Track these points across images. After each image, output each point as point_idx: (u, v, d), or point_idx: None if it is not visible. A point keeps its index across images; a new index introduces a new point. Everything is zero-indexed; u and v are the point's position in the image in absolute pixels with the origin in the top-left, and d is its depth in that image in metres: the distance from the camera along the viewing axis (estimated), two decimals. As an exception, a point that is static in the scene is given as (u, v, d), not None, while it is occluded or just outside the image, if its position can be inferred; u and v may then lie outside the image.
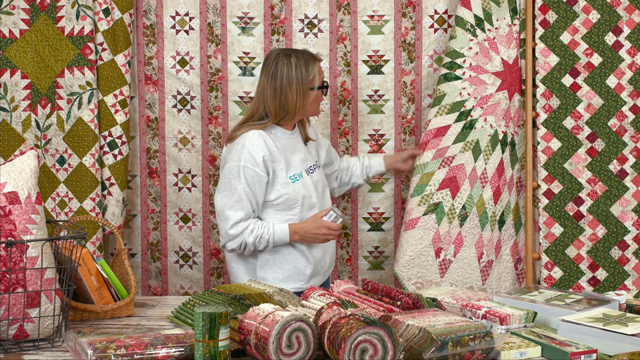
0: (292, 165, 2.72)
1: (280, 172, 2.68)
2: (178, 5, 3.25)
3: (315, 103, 2.75)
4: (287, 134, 2.75)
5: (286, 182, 2.68)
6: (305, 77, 2.67)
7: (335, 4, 3.24)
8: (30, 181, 2.04)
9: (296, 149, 2.76)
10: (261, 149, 2.63)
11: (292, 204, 2.69)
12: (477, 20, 3.10)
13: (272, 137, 2.70)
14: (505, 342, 1.82)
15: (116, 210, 3.20)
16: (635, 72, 3.09)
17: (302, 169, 2.74)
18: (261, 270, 2.72)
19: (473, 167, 3.09)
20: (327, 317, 1.76)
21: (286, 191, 2.67)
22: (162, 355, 1.77)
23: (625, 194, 3.10)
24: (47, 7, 3.14)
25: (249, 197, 2.63)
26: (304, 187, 2.71)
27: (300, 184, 2.71)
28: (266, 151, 2.64)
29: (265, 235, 2.63)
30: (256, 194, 2.64)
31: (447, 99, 3.10)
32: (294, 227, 2.67)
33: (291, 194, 2.68)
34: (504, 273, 3.14)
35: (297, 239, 2.68)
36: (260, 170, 2.63)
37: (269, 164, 2.65)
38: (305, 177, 2.74)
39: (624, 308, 2.11)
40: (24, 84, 3.16)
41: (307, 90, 2.68)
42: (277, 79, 2.67)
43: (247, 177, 2.62)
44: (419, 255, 3.12)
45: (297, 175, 2.71)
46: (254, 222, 2.64)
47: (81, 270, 2.26)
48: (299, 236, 2.67)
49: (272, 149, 2.67)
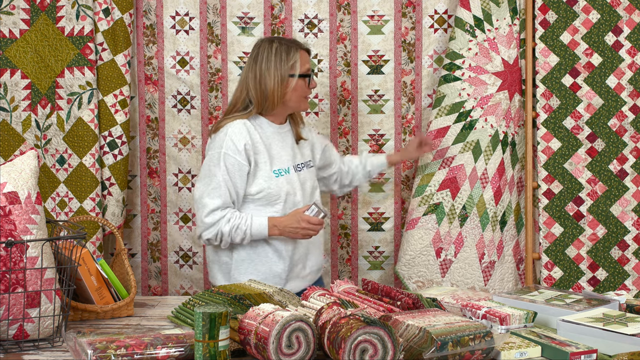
0: (277, 159, 2.62)
1: (264, 165, 2.58)
2: (178, 5, 3.25)
3: (297, 93, 2.62)
4: (274, 127, 2.66)
5: (269, 176, 2.58)
6: (284, 62, 2.59)
7: (335, 4, 3.24)
8: (30, 181, 2.04)
9: (285, 144, 2.67)
10: (244, 137, 2.54)
11: (274, 200, 2.59)
12: (476, 21, 3.10)
13: (257, 127, 2.61)
14: (505, 342, 1.82)
15: (116, 210, 3.20)
16: (635, 72, 3.09)
17: (289, 165, 2.64)
18: (235, 271, 2.63)
19: (473, 168, 3.10)
20: (327, 317, 1.76)
21: (268, 185, 2.57)
22: (162, 355, 1.77)
23: (625, 194, 3.10)
24: (47, 7, 3.14)
25: (228, 185, 2.53)
26: (288, 184, 2.61)
27: (284, 179, 2.60)
28: (249, 140, 2.55)
29: (242, 225, 2.53)
30: (236, 183, 2.54)
31: (447, 100, 3.10)
32: (273, 221, 2.55)
33: (273, 188, 2.58)
34: (506, 274, 3.14)
35: (276, 233, 2.56)
36: (241, 158, 2.54)
37: (251, 153, 2.55)
38: (292, 173, 2.64)
39: (624, 308, 2.11)
40: (24, 84, 3.16)
41: (285, 76, 2.58)
42: (257, 62, 2.59)
43: (228, 164, 2.53)
44: (419, 255, 3.12)
45: (283, 170, 2.61)
46: (231, 212, 2.54)
47: (81, 270, 2.26)
48: (278, 230, 2.55)
49: (255, 139, 2.57)
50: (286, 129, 2.71)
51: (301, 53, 2.62)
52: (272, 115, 2.66)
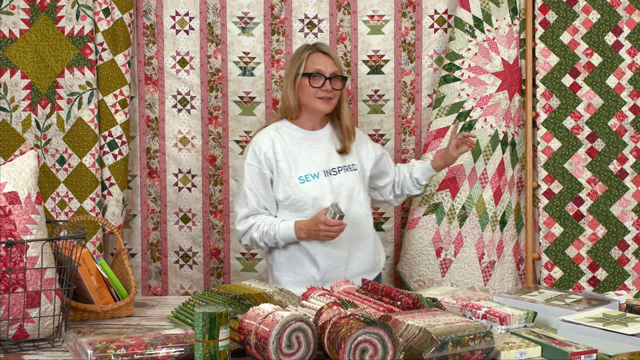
0: (304, 165, 2.66)
1: (287, 172, 2.64)
2: (178, 5, 3.25)
3: (303, 92, 2.66)
4: (304, 133, 2.71)
5: (294, 183, 2.63)
6: (294, 62, 2.68)
7: (335, 4, 3.24)
8: (30, 181, 2.04)
9: (316, 149, 2.70)
10: (265, 146, 2.65)
11: (301, 206, 2.63)
12: (476, 21, 3.10)
13: (285, 135, 2.69)
14: (505, 342, 1.82)
15: (116, 210, 3.20)
16: (635, 72, 3.09)
17: (319, 170, 2.67)
18: (276, 273, 2.72)
19: (472, 168, 3.10)
20: (327, 317, 1.76)
21: (293, 192, 2.63)
22: (162, 355, 1.77)
23: (625, 194, 3.10)
24: (47, 7, 3.14)
25: (254, 193, 2.63)
26: (315, 189, 2.64)
27: (311, 185, 2.64)
28: (270, 149, 2.64)
29: (270, 231, 2.62)
30: (261, 192, 2.64)
31: (447, 101, 3.11)
32: (299, 224, 2.61)
33: (298, 194, 2.63)
34: (506, 274, 3.14)
35: (304, 236, 2.61)
36: (262, 167, 2.64)
37: (272, 161, 2.64)
38: (321, 178, 2.66)
39: (624, 308, 2.11)
40: (24, 84, 3.16)
41: (293, 76, 2.67)
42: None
43: (251, 173, 2.64)
44: (419, 254, 3.13)
45: (311, 175, 2.65)
46: (261, 219, 2.64)
47: (81, 270, 2.26)
48: (304, 233, 2.60)
49: (279, 147, 2.66)
50: (321, 134, 2.73)
51: (315, 54, 2.68)
52: (301, 120, 2.72)
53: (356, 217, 2.71)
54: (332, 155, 2.72)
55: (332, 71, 2.67)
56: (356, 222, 2.70)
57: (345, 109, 2.74)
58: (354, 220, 2.69)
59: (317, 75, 2.65)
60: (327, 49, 2.72)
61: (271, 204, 2.66)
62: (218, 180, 3.29)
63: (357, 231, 2.71)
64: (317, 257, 2.66)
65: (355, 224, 2.70)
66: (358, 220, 2.71)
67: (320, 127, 2.74)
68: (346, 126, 2.73)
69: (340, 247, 2.68)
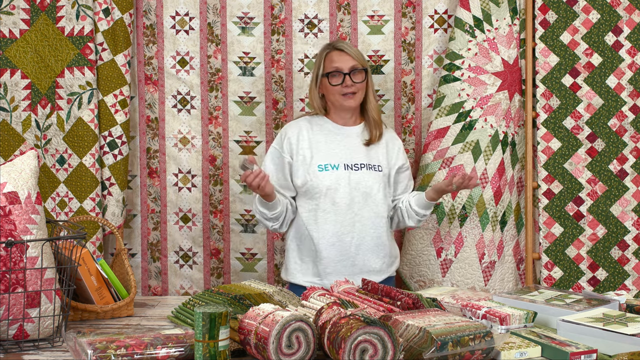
0: (326, 155, 2.73)
1: (308, 158, 2.72)
2: (178, 5, 3.25)
3: (328, 91, 2.76)
4: (335, 127, 2.79)
5: (312, 170, 2.71)
6: (316, 65, 2.79)
7: (335, 4, 3.24)
8: (30, 181, 2.04)
9: (344, 144, 2.77)
10: (292, 132, 2.76)
11: (315, 193, 2.71)
12: (476, 21, 3.10)
13: (316, 126, 2.79)
14: (505, 342, 1.82)
15: (116, 210, 3.20)
16: (635, 72, 3.09)
17: (341, 162, 2.73)
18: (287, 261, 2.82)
19: (473, 168, 3.09)
20: (327, 317, 1.76)
21: (310, 178, 2.70)
22: (162, 355, 1.77)
23: (625, 194, 3.10)
24: (47, 7, 3.14)
25: (272, 174, 2.73)
26: (331, 179, 2.71)
27: (328, 174, 2.71)
28: (295, 135, 2.75)
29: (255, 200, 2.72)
30: (273, 173, 2.74)
31: (447, 101, 3.10)
32: None
33: (314, 181, 2.70)
34: (507, 274, 3.14)
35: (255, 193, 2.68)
36: (283, 151, 2.75)
37: (295, 147, 2.74)
38: (340, 170, 2.72)
39: (624, 308, 2.11)
40: (24, 84, 3.16)
41: (315, 79, 2.78)
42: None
43: (273, 156, 2.77)
44: (420, 254, 3.13)
45: (330, 166, 2.72)
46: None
47: (81, 270, 2.26)
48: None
49: (305, 135, 2.76)
50: (352, 131, 2.81)
51: (332, 53, 2.77)
52: (332, 116, 2.81)
53: (370, 216, 2.73)
54: (358, 152, 2.78)
55: (350, 66, 2.73)
56: (370, 222, 2.74)
57: (371, 101, 2.80)
58: (367, 220, 2.73)
59: (336, 74, 2.72)
60: (343, 45, 2.78)
61: (286, 189, 2.75)
62: (218, 180, 3.29)
63: (371, 230, 2.74)
64: (320, 246, 2.72)
65: (368, 223, 2.73)
66: (372, 219, 2.74)
67: (352, 124, 2.81)
68: (373, 118, 2.79)
69: (348, 242, 2.73)
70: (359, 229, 2.72)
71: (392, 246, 2.85)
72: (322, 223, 2.72)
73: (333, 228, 2.71)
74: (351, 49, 2.78)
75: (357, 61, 2.75)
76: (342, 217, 2.71)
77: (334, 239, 2.72)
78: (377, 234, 2.75)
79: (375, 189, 2.74)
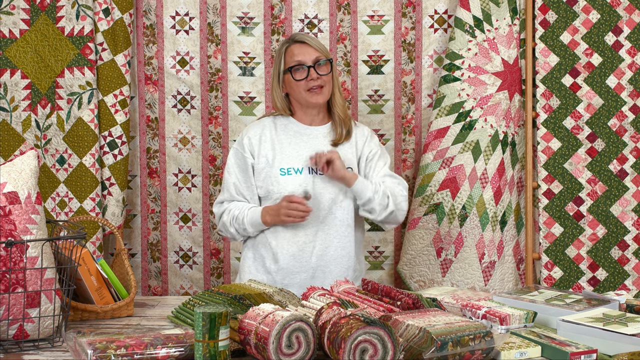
0: (289, 158, 2.53)
1: (272, 161, 2.53)
2: (178, 5, 3.25)
3: (293, 88, 2.53)
4: (300, 127, 2.58)
5: (274, 173, 2.52)
6: (276, 61, 2.57)
7: (335, 4, 3.24)
8: (30, 181, 2.04)
9: (309, 144, 2.55)
10: (253, 132, 2.59)
11: (277, 199, 2.50)
12: (476, 21, 3.10)
13: (279, 126, 2.59)
14: (505, 342, 1.82)
15: (116, 210, 3.20)
16: (635, 72, 3.09)
17: (304, 166, 2.52)
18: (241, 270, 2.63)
19: (473, 168, 3.10)
20: (327, 317, 1.76)
21: (271, 182, 2.52)
22: (162, 355, 1.77)
23: (625, 194, 3.10)
24: (47, 7, 3.14)
25: (232, 178, 2.57)
26: (294, 184, 2.50)
27: (290, 179, 2.51)
28: (257, 135, 2.57)
29: (239, 215, 2.52)
30: (239, 176, 2.57)
31: (447, 101, 3.11)
32: (267, 208, 2.50)
33: (275, 186, 2.50)
34: (506, 274, 3.14)
35: (269, 220, 2.49)
36: (245, 152, 2.57)
37: (256, 147, 2.56)
38: (304, 175, 2.52)
39: (624, 308, 2.11)
40: (24, 84, 3.16)
41: (277, 76, 2.57)
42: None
43: (235, 159, 2.59)
44: (420, 254, 3.13)
45: (293, 170, 2.52)
46: (234, 204, 2.56)
47: (81, 270, 2.26)
48: (270, 217, 2.48)
49: (267, 136, 2.57)
50: (318, 131, 2.59)
51: (292, 47, 2.54)
52: (298, 115, 2.61)
53: (335, 224, 2.54)
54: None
55: (314, 58, 2.51)
56: (334, 231, 2.54)
57: (337, 97, 2.58)
58: (331, 229, 2.53)
59: (299, 68, 2.51)
60: (304, 37, 2.56)
61: (250, 192, 2.56)
62: (218, 180, 3.29)
63: (335, 240, 2.55)
64: (279, 255, 2.53)
65: (332, 232, 2.54)
66: (336, 228, 2.54)
67: (319, 124, 2.60)
68: (338, 115, 2.58)
69: (309, 251, 2.53)
70: (321, 238, 2.52)
71: (359, 259, 2.63)
72: (282, 231, 2.52)
73: (293, 237, 2.52)
74: (312, 40, 2.55)
75: (320, 52, 2.53)
76: (303, 224, 2.49)
77: (294, 248, 2.52)
78: (342, 244, 2.55)
79: (342, 195, 2.53)
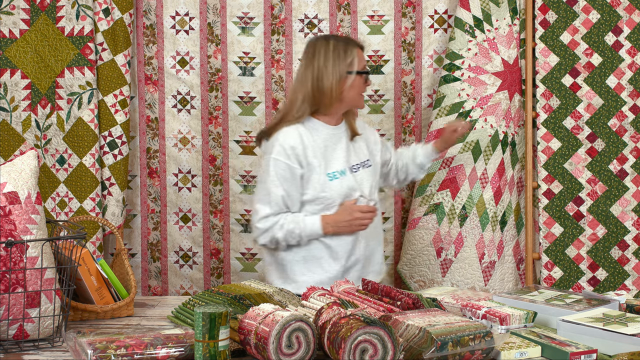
0: (332, 161, 2.54)
1: (318, 168, 2.51)
2: (178, 5, 3.25)
3: (354, 90, 2.54)
4: (329, 129, 2.57)
5: (323, 180, 2.51)
6: (342, 59, 2.51)
7: (335, 4, 3.24)
8: (30, 181, 2.04)
9: (340, 145, 2.58)
10: (294, 140, 2.49)
11: (330, 203, 2.51)
12: (476, 21, 3.10)
13: (311, 131, 2.54)
14: (505, 342, 1.82)
15: (116, 210, 3.20)
16: (635, 72, 3.09)
17: (345, 167, 2.55)
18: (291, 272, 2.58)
19: (473, 168, 3.10)
20: (327, 317, 1.76)
21: (322, 189, 2.50)
22: (162, 355, 1.77)
23: (625, 194, 3.10)
24: (47, 7, 3.14)
25: (280, 191, 2.48)
26: (343, 186, 2.53)
27: (339, 182, 2.52)
28: (299, 143, 2.49)
29: (296, 229, 2.48)
30: (288, 189, 2.49)
31: (447, 101, 3.11)
32: (326, 219, 2.50)
33: (327, 192, 2.50)
34: (506, 274, 3.14)
35: (331, 231, 2.50)
36: (292, 162, 2.48)
37: (302, 156, 2.49)
38: (347, 175, 2.55)
39: (624, 308, 2.11)
40: (24, 84, 3.16)
41: (344, 73, 2.51)
42: (314, 60, 2.52)
43: (278, 170, 2.48)
44: (420, 254, 3.13)
45: (338, 172, 2.53)
46: (284, 217, 2.49)
47: (81, 270, 2.26)
48: (332, 227, 2.49)
49: (308, 142, 2.51)
50: (342, 129, 2.61)
51: (358, 50, 2.57)
52: (328, 115, 2.57)
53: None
54: (351, 152, 2.60)
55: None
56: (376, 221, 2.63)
57: None
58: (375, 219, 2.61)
59: (366, 73, 2.57)
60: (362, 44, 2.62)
61: (295, 202, 2.52)
62: (218, 180, 3.29)
63: (374, 231, 2.64)
64: (340, 254, 2.55)
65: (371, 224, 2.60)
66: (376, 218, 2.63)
67: (340, 122, 2.62)
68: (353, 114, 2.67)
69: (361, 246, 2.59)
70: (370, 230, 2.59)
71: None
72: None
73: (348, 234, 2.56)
74: None
75: None
76: None
77: (350, 245, 2.56)
78: (377, 234, 2.67)
79: (374, 187, 2.63)
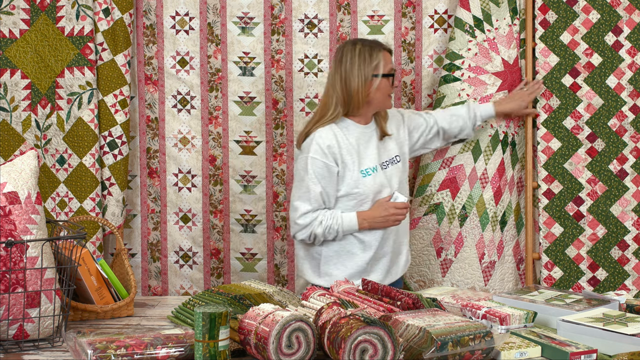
0: (364, 159, 2.68)
1: (352, 165, 2.65)
2: (178, 5, 3.25)
3: (381, 92, 2.67)
4: (360, 128, 2.71)
5: (357, 176, 2.65)
6: (368, 62, 2.65)
7: (335, 4, 3.24)
8: (30, 181, 2.04)
9: (370, 143, 2.72)
10: (330, 139, 2.63)
11: (363, 199, 2.66)
12: (476, 21, 3.10)
13: (344, 130, 2.68)
14: (505, 342, 1.82)
15: (116, 210, 3.20)
16: (635, 72, 3.09)
17: (376, 164, 2.69)
18: (325, 266, 2.71)
19: (473, 168, 3.10)
20: (327, 317, 1.76)
21: (356, 185, 2.64)
22: (162, 355, 1.77)
23: (625, 194, 3.10)
24: (47, 7, 3.14)
25: (319, 188, 2.62)
26: (375, 182, 2.67)
27: (372, 178, 2.66)
28: (334, 142, 2.63)
29: (334, 225, 2.62)
30: (326, 186, 2.63)
31: (447, 101, 3.10)
32: (362, 215, 2.65)
33: (361, 188, 2.65)
34: (506, 274, 3.14)
35: (366, 226, 2.65)
36: (329, 160, 2.63)
37: (338, 155, 2.64)
38: (379, 171, 2.69)
39: (624, 308, 2.11)
40: (24, 84, 3.16)
41: (369, 75, 2.64)
42: (342, 64, 2.67)
43: (315, 168, 2.62)
44: (420, 255, 3.13)
45: (371, 169, 2.67)
46: (322, 213, 2.63)
47: (81, 270, 2.26)
48: (368, 223, 2.65)
49: (342, 141, 2.65)
50: (372, 128, 2.74)
51: (384, 53, 2.68)
52: (358, 115, 2.71)
53: None
54: (381, 149, 2.73)
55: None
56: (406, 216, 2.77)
57: None
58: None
59: (391, 75, 2.69)
60: (389, 47, 2.74)
61: (331, 198, 2.67)
62: (218, 180, 3.29)
63: (405, 225, 2.78)
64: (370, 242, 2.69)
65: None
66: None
67: (370, 121, 2.76)
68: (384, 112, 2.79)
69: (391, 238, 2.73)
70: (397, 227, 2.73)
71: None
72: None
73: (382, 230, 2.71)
74: None
75: None
76: None
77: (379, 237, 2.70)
78: (405, 227, 2.79)
79: (402, 182, 2.77)
